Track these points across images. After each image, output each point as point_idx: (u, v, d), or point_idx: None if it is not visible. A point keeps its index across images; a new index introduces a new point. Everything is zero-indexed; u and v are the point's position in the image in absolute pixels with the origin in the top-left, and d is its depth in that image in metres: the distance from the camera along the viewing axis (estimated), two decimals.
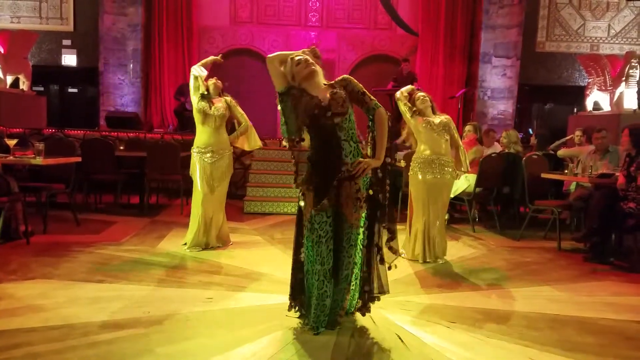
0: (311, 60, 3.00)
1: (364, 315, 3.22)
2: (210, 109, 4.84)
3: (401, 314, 3.38)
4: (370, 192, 3.05)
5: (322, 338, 2.93)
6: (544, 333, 3.14)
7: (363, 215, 3.06)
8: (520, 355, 2.81)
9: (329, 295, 3.00)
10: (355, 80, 3.05)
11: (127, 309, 3.29)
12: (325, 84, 3.03)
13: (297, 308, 3.20)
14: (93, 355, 2.64)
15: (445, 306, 3.57)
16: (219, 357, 2.66)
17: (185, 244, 4.95)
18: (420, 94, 4.86)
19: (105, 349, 2.72)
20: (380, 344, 2.89)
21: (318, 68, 3.02)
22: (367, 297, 3.18)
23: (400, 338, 2.98)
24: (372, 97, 3.03)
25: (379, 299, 3.23)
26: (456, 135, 4.90)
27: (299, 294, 3.17)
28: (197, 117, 4.90)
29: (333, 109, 2.92)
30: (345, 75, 3.10)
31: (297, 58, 2.98)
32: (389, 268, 3.18)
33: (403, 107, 4.84)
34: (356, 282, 3.20)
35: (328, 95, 2.94)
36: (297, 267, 3.16)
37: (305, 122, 2.98)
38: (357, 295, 3.24)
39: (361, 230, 3.08)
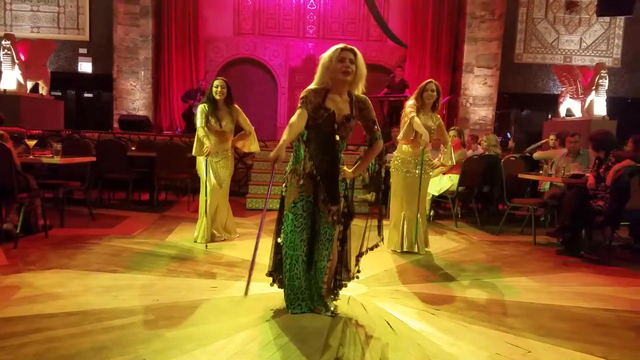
0: (354, 67, 2.82)
1: (334, 300, 3.21)
2: (221, 126, 4.76)
3: (390, 302, 3.39)
4: (343, 193, 3.03)
5: (317, 324, 2.93)
6: (521, 320, 3.15)
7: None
8: (499, 340, 2.82)
9: (299, 278, 3.05)
10: (371, 106, 3.01)
11: (138, 297, 3.28)
12: (347, 96, 2.94)
13: (278, 285, 3.21)
14: (107, 339, 2.63)
15: (431, 295, 3.57)
16: (223, 341, 2.66)
17: (196, 241, 4.90)
18: (432, 85, 4.65)
19: (118, 333, 2.71)
20: (371, 330, 2.89)
21: (350, 78, 2.83)
22: (337, 284, 3.21)
23: (389, 324, 2.98)
24: (378, 127, 3.03)
25: (346, 286, 3.26)
26: (445, 135, 4.88)
27: (277, 273, 3.20)
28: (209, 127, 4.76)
29: (340, 133, 2.93)
30: (366, 98, 3.01)
31: (342, 55, 2.82)
32: (357, 277, 3.25)
33: (408, 118, 4.61)
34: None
35: (342, 116, 2.90)
36: (277, 250, 3.19)
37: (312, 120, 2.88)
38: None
39: (338, 227, 3.02)
